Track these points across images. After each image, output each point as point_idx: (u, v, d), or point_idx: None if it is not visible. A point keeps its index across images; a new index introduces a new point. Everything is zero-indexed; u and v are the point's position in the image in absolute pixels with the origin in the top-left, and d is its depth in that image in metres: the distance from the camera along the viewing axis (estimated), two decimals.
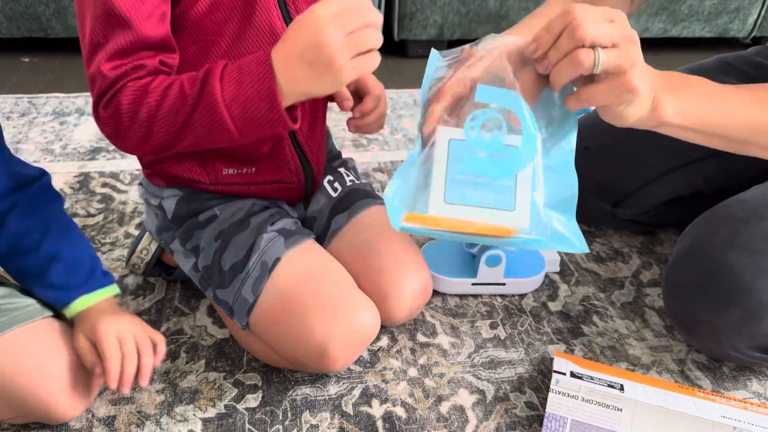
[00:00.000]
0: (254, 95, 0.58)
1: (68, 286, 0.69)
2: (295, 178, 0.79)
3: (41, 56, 1.72)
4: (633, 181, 0.99)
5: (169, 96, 0.60)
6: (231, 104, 0.59)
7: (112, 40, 0.59)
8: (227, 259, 0.74)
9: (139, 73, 0.61)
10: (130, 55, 0.61)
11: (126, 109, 0.60)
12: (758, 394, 0.80)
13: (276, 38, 0.67)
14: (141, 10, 0.60)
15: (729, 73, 0.97)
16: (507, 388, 0.79)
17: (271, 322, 0.71)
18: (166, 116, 0.60)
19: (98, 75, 0.60)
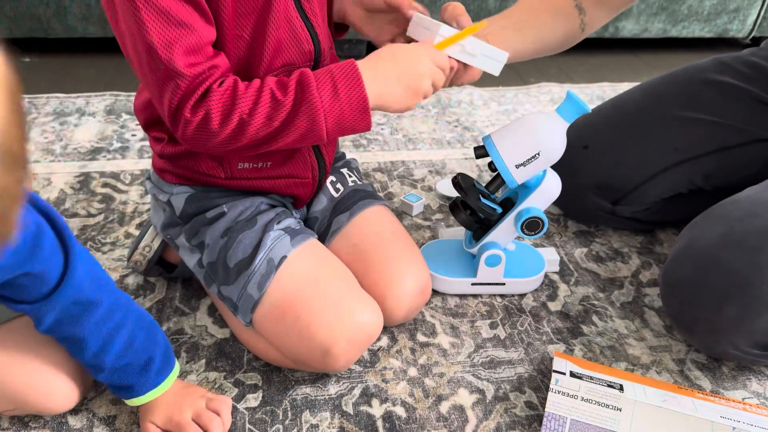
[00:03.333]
0: (351, 110, 0.66)
1: (141, 384, 0.67)
2: (309, 173, 0.79)
3: (41, 56, 1.72)
4: (632, 178, 0.99)
5: (261, 103, 0.63)
6: (328, 115, 0.65)
7: (178, 40, 0.60)
8: (233, 256, 0.74)
9: (215, 73, 0.62)
10: (200, 52, 0.62)
11: (217, 114, 0.62)
12: (758, 393, 0.81)
13: (292, 27, 0.68)
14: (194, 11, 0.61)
15: (725, 72, 0.97)
16: (507, 387, 0.79)
17: (275, 319, 0.72)
18: (260, 123, 0.63)
19: (175, 74, 0.60)
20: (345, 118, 0.66)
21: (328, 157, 0.81)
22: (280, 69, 0.69)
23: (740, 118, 0.94)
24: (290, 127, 0.64)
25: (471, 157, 1.32)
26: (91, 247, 0.99)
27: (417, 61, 0.69)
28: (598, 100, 1.60)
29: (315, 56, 0.72)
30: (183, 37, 0.60)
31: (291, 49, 0.69)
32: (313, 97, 0.64)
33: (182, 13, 0.60)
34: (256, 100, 0.63)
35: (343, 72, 0.65)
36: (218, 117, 0.62)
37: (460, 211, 0.88)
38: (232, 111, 0.63)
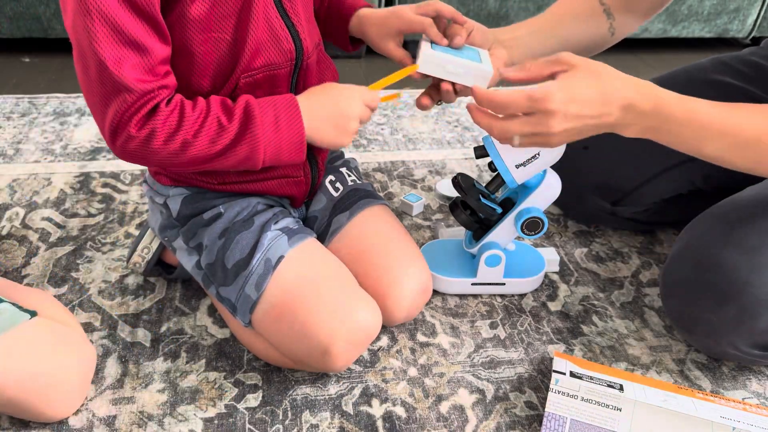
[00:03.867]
0: (288, 143, 0.68)
1: None
2: (300, 171, 0.79)
3: (41, 56, 1.72)
4: (632, 179, 0.99)
5: (206, 126, 0.65)
6: (268, 146, 0.67)
7: (130, 58, 0.60)
8: (231, 257, 0.74)
9: (163, 93, 0.63)
10: (151, 71, 0.62)
11: (162, 133, 0.63)
12: (758, 393, 0.81)
13: (271, 26, 0.69)
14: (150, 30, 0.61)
15: (725, 72, 0.97)
16: (507, 387, 0.79)
17: (274, 319, 0.72)
18: (202, 146, 0.65)
19: (123, 88, 0.60)
20: (282, 150, 0.68)
21: (321, 155, 0.81)
22: (260, 69, 0.69)
23: None
24: (230, 153, 0.66)
25: (471, 157, 1.32)
26: (91, 247, 0.99)
27: (348, 103, 0.72)
28: None
29: (297, 55, 0.72)
30: (135, 56, 0.60)
31: (270, 49, 0.69)
32: (256, 127, 0.66)
33: (137, 31, 0.60)
34: (202, 122, 0.65)
35: (286, 106, 0.68)
36: (162, 136, 0.63)
37: (460, 211, 0.88)
38: (177, 131, 0.64)
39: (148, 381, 0.77)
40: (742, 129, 0.67)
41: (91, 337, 0.83)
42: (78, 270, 0.94)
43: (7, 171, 1.19)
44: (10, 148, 1.27)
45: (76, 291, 0.90)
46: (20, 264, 0.95)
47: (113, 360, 0.80)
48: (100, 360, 0.79)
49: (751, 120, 0.67)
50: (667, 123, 0.68)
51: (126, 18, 0.59)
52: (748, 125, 0.67)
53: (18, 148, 1.27)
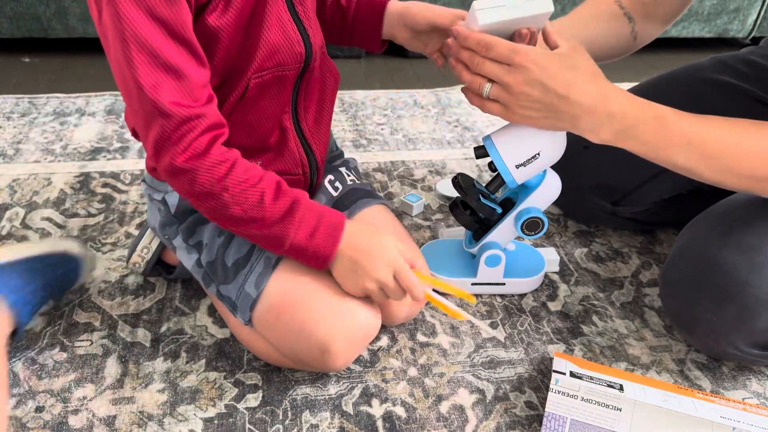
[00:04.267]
0: (312, 255, 0.69)
1: None
2: (299, 170, 0.79)
3: (41, 56, 1.72)
4: (632, 179, 0.99)
5: (247, 199, 0.65)
6: (292, 249, 0.68)
7: (167, 83, 0.60)
8: (231, 255, 0.74)
9: (202, 123, 0.62)
10: (189, 95, 0.61)
11: (202, 183, 0.63)
12: (758, 393, 0.81)
13: (284, 29, 0.68)
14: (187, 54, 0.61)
15: (724, 71, 0.97)
16: (507, 387, 0.79)
17: (274, 318, 0.72)
18: (234, 212, 0.65)
19: (160, 113, 0.60)
20: (304, 257, 0.69)
21: (319, 152, 0.81)
22: (270, 69, 0.69)
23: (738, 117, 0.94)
24: (255, 231, 0.67)
25: (471, 157, 1.32)
26: (91, 247, 0.99)
27: (376, 263, 0.69)
28: None
29: (306, 57, 0.72)
30: (172, 80, 0.60)
31: (283, 52, 0.69)
32: (287, 230, 0.67)
33: (172, 55, 0.59)
34: (241, 193, 0.65)
35: (330, 224, 0.69)
36: (202, 185, 0.64)
37: (460, 211, 0.88)
38: (218, 189, 0.64)
39: (148, 381, 0.77)
40: (708, 140, 0.67)
41: (91, 337, 0.83)
42: None
43: (7, 171, 1.19)
44: (10, 148, 1.27)
45: (76, 291, 0.90)
46: None
47: (113, 360, 0.80)
48: (100, 360, 0.79)
49: (717, 132, 0.68)
50: (636, 127, 0.68)
51: (161, 42, 0.59)
52: (713, 136, 0.67)
53: (18, 148, 1.27)
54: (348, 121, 1.45)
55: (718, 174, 0.69)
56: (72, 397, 0.74)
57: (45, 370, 0.78)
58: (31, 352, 0.80)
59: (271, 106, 0.72)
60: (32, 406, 0.73)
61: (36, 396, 0.74)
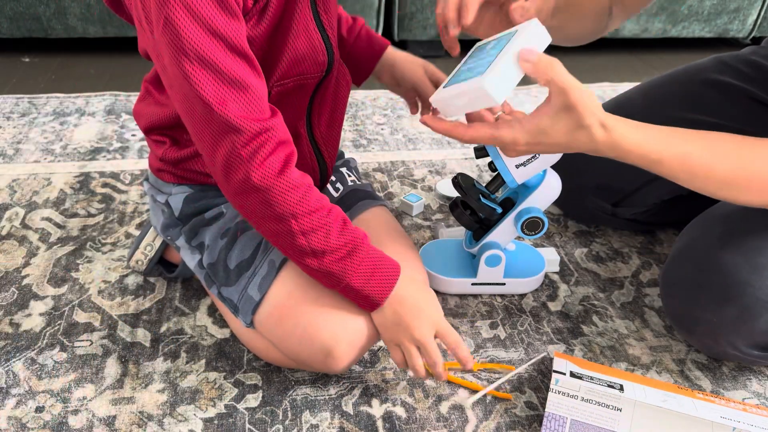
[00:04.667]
0: (363, 298, 0.68)
1: None
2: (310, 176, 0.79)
3: (41, 56, 1.72)
4: (633, 180, 0.99)
5: (314, 230, 0.64)
6: (346, 288, 0.67)
7: (234, 98, 0.59)
8: (233, 257, 0.74)
9: (273, 137, 0.61)
10: (256, 108, 0.60)
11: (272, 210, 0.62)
12: (758, 394, 0.81)
13: (309, 38, 0.68)
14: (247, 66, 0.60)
15: (725, 72, 0.97)
16: (507, 387, 0.79)
17: (276, 321, 0.71)
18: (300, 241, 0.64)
19: (231, 129, 0.59)
20: (355, 297, 0.68)
21: (330, 159, 0.81)
22: (293, 78, 0.69)
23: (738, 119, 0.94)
24: (314, 265, 0.65)
25: (471, 157, 1.32)
26: (90, 247, 0.99)
27: (420, 320, 0.68)
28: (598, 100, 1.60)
29: (328, 67, 0.72)
30: (237, 94, 0.59)
31: (307, 61, 0.69)
32: (347, 270, 0.65)
33: (236, 70, 0.58)
34: (312, 222, 0.64)
35: (386, 273, 0.68)
36: (275, 205, 0.62)
37: (460, 211, 0.88)
38: (288, 214, 0.62)
39: (147, 381, 0.77)
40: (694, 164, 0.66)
41: (90, 337, 0.83)
42: (78, 270, 0.94)
43: (7, 171, 1.19)
44: (9, 148, 1.27)
45: (75, 291, 0.90)
46: (20, 264, 0.95)
47: (113, 360, 0.80)
48: (100, 360, 0.79)
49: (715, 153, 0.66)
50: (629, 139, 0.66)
51: (223, 56, 0.57)
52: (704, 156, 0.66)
53: (18, 148, 1.27)
54: (348, 121, 1.45)
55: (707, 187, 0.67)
56: (72, 397, 0.74)
57: (45, 370, 0.78)
58: (31, 352, 0.80)
59: (287, 114, 0.72)
60: (32, 406, 0.73)
61: (36, 396, 0.74)
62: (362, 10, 1.70)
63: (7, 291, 0.90)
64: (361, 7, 1.70)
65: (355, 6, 1.69)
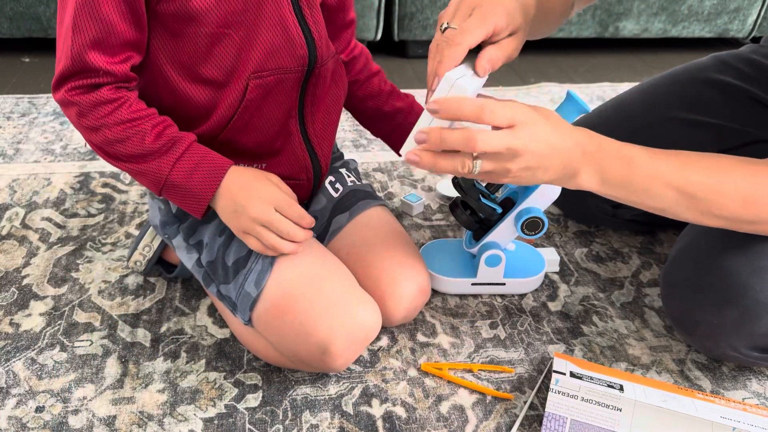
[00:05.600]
0: (190, 195, 0.69)
1: None
2: (304, 175, 0.79)
3: (41, 56, 1.72)
4: None
5: (128, 137, 0.67)
6: (170, 186, 0.68)
7: (88, 30, 0.63)
8: (231, 254, 0.74)
9: (106, 79, 0.65)
10: (107, 50, 0.64)
11: (85, 121, 0.66)
12: (758, 394, 0.81)
13: (286, 30, 0.68)
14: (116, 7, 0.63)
15: (725, 71, 0.97)
16: (507, 388, 0.79)
17: (274, 317, 0.72)
18: (116, 143, 0.67)
19: (70, 55, 0.64)
20: (183, 197, 0.70)
21: (324, 159, 0.81)
22: (271, 71, 0.69)
23: (739, 119, 0.94)
24: (135, 167, 0.68)
25: None
26: (91, 247, 0.99)
27: (253, 202, 0.69)
28: (599, 100, 1.60)
29: (309, 62, 0.71)
30: (95, 30, 0.62)
31: (283, 53, 0.69)
32: (164, 164, 0.67)
33: (107, 8, 0.62)
34: (126, 131, 0.67)
35: (213, 166, 0.69)
36: (87, 119, 0.66)
37: (460, 211, 0.88)
38: (99, 125, 0.66)
39: (148, 381, 0.77)
40: (688, 175, 0.65)
41: (91, 337, 0.83)
42: (78, 270, 0.94)
43: (7, 171, 1.19)
44: (10, 148, 1.27)
45: (76, 291, 0.90)
46: (20, 264, 0.95)
47: (113, 360, 0.80)
48: (100, 360, 0.79)
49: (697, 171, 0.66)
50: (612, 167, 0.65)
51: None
52: (693, 177, 0.65)
53: (18, 148, 1.27)
54: (348, 121, 1.44)
55: (696, 213, 0.67)
56: (72, 397, 0.74)
57: (45, 370, 0.78)
58: (31, 352, 0.80)
59: (275, 111, 0.72)
60: (32, 406, 0.73)
61: (36, 396, 0.74)
62: (362, 10, 1.70)
63: (7, 291, 0.90)
64: (361, 8, 1.70)
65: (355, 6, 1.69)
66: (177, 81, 0.69)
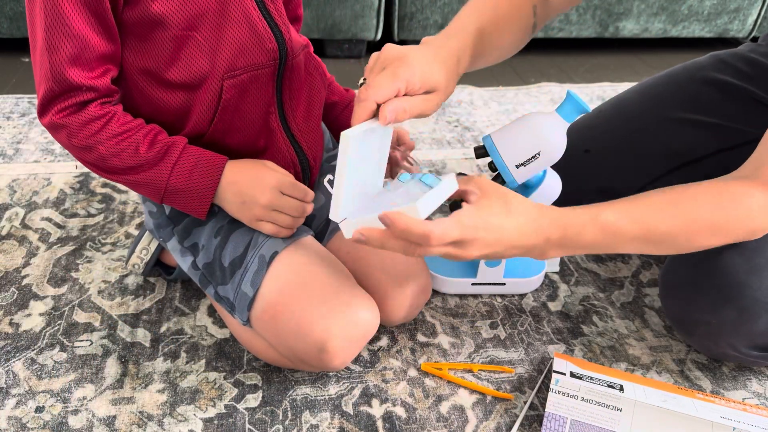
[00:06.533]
0: (193, 196, 0.70)
1: None
2: (292, 170, 0.79)
3: None
4: (634, 183, 0.99)
5: (122, 150, 0.67)
6: (171, 192, 0.69)
7: (64, 48, 0.62)
8: (227, 255, 0.74)
9: (90, 95, 0.65)
10: (85, 65, 0.64)
11: (77, 141, 0.66)
12: (758, 394, 0.81)
13: (252, 26, 0.68)
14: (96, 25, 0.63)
15: (724, 71, 0.97)
16: (507, 388, 0.79)
17: (271, 317, 0.71)
18: (111, 158, 0.68)
19: (51, 77, 0.63)
20: (185, 201, 0.70)
21: (311, 151, 0.80)
22: (243, 69, 0.69)
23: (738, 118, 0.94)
24: (132, 178, 0.69)
25: (471, 157, 1.32)
26: (90, 247, 0.99)
27: (258, 188, 0.70)
28: (599, 100, 1.60)
29: (280, 55, 0.71)
30: (71, 47, 0.62)
31: (253, 49, 0.69)
32: (162, 174, 0.68)
33: (78, 23, 0.61)
34: (117, 145, 0.67)
35: (209, 163, 0.70)
36: (78, 140, 0.66)
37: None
38: (93, 143, 0.66)
39: (147, 381, 0.77)
40: (653, 228, 0.66)
41: (90, 337, 0.83)
42: (78, 270, 0.94)
43: (7, 171, 1.19)
44: (9, 148, 1.27)
45: (75, 291, 0.90)
46: (20, 264, 0.95)
47: (113, 360, 0.79)
48: (100, 360, 0.79)
49: (660, 217, 0.66)
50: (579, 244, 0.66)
51: (70, 8, 0.61)
52: (657, 223, 0.66)
53: (18, 148, 1.27)
54: None
55: (670, 251, 0.69)
56: (72, 397, 0.74)
57: (45, 371, 0.78)
58: (31, 352, 0.80)
59: (254, 109, 0.72)
60: (32, 406, 0.73)
61: (36, 396, 0.74)
62: (362, 9, 1.70)
63: (7, 291, 0.90)
64: (361, 7, 1.70)
65: (355, 6, 1.69)
66: (149, 88, 0.69)
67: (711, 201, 0.67)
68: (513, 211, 0.62)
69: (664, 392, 0.75)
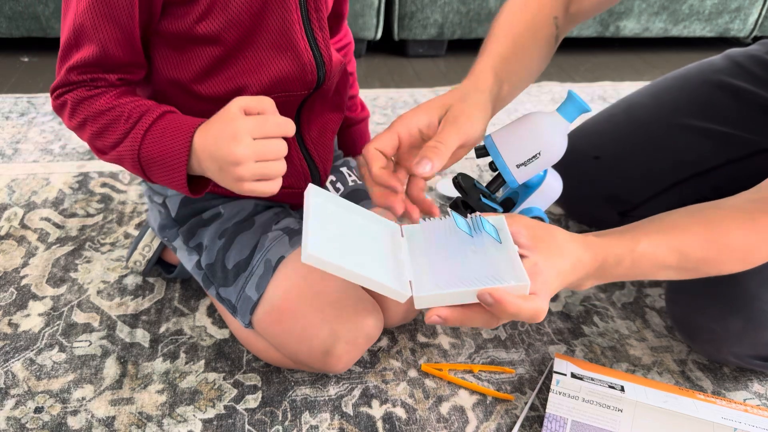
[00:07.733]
0: (167, 168, 0.61)
1: None
2: (303, 183, 0.79)
3: (40, 56, 1.72)
4: (642, 192, 0.98)
5: (106, 122, 0.63)
6: (145, 164, 0.62)
7: (79, 52, 0.63)
8: (231, 258, 0.74)
9: (96, 84, 0.64)
10: (93, 67, 0.64)
11: (68, 112, 0.65)
12: (759, 394, 0.80)
13: (299, 59, 0.66)
14: (111, 35, 0.61)
15: (739, 75, 0.94)
16: (507, 388, 0.79)
17: (275, 320, 0.71)
18: (99, 135, 0.64)
19: (63, 76, 0.66)
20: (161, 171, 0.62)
21: (322, 164, 0.80)
22: (278, 93, 0.67)
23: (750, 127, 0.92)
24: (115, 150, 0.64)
25: (471, 157, 1.32)
26: (89, 247, 0.99)
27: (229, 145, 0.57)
28: (599, 100, 1.60)
29: (317, 84, 0.70)
30: (84, 51, 0.63)
31: (293, 81, 0.67)
32: (135, 140, 0.62)
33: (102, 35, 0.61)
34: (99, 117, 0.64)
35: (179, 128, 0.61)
36: (69, 114, 0.65)
37: (461, 212, 0.87)
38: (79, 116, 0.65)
39: (147, 382, 0.77)
40: (689, 256, 0.65)
41: (89, 337, 0.82)
42: (77, 270, 0.94)
43: (6, 171, 1.18)
44: (8, 147, 1.26)
45: (74, 291, 0.90)
46: (19, 264, 0.95)
47: (112, 360, 0.79)
48: (99, 360, 0.79)
49: (696, 243, 0.65)
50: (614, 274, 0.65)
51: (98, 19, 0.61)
52: (693, 250, 0.65)
53: (17, 147, 1.26)
54: None
55: (697, 276, 0.67)
56: (71, 397, 0.74)
57: (44, 371, 0.77)
58: (30, 352, 0.80)
59: None
60: (31, 406, 0.73)
61: (35, 396, 0.74)
62: (362, 9, 1.70)
63: (5, 291, 0.90)
64: (361, 7, 1.69)
65: (355, 6, 1.69)
66: (173, 93, 0.68)
67: (741, 227, 0.65)
68: (565, 253, 0.60)
69: (665, 393, 0.74)
